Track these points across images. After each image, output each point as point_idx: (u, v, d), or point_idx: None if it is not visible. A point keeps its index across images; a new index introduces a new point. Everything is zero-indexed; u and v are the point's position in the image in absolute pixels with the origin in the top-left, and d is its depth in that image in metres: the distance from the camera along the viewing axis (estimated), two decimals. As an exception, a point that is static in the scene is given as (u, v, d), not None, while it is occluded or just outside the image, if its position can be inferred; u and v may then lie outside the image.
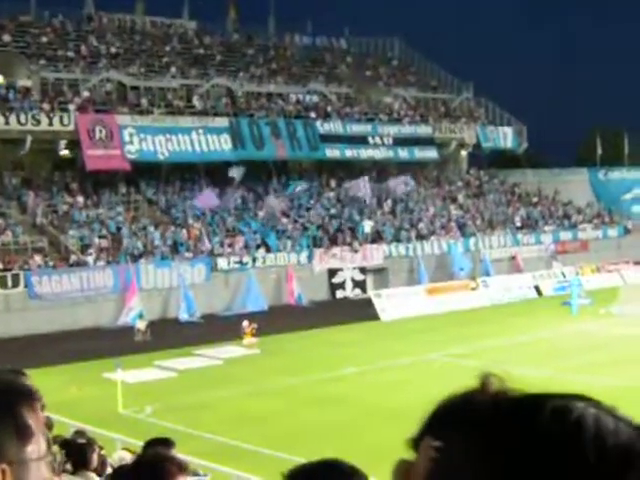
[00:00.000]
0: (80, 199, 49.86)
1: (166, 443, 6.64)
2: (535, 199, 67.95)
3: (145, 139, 51.36)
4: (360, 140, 60.46)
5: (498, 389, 1.35)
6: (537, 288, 51.07)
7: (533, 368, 27.88)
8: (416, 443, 1.44)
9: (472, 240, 57.35)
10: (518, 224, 62.08)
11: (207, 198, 51.13)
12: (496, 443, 1.17)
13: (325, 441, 21.40)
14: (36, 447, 1.74)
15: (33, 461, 1.72)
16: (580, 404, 1.21)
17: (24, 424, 1.73)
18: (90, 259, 44.63)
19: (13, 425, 1.71)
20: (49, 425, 8.68)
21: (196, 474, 13.11)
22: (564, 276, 52.20)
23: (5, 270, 42.00)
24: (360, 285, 51.65)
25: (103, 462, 9.15)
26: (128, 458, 8.75)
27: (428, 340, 36.68)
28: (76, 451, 8.06)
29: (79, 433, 12.77)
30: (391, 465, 1.42)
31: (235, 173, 54.44)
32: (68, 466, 7.72)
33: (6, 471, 1.67)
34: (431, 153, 64.56)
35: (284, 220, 53.77)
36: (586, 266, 54.44)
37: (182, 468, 4.70)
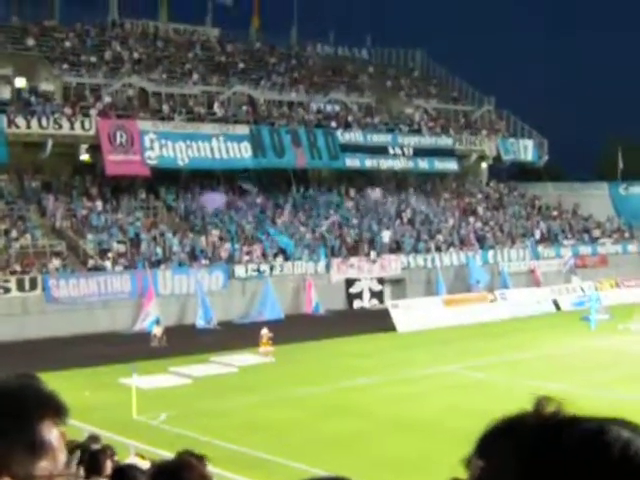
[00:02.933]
0: (99, 204, 50.00)
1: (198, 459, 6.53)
2: (555, 213, 67.74)
3: (165, 145, 51.46)
4: (380, 150, 60.40)
5: (551, 412, 1.32)
6: (555, 302, 50.78)
7: (549, 382, 27.74)
8: (469, 463, 1.47)
9: (491, 253, 57.18)
10: (537, 237, 61.86)
11: (213, 199, 52.55)
12: (532, 465, 1.18)
13: (338, 452, 21.34)
14: (51, 464, 1.68)
15: (43, 478, 1.67)
16: (614, 428, 1.18)
17: (40, 439, 1.67)
18: (108, 264, 44.74)
19: (27, 439, 1.66)
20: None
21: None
22: (583, 291, 51.93)
23: (23, 273, 42.14)
24: (377, 295, 51.55)
25: (116, 469, 9.11)
26: (141, 464, 8.71)
27: (444, 352, 36.53)
28: (90, 457, 8.02)
29: (93, 438, 12.75)
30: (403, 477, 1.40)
31: (244, 184, 55.50)
32: (81, 472, 7.69)
33: None
34: (451, 165, 64.46)
35: (302, 229, 53.77)
36: (605, 281, 54.17)
37: (204, 477, 4.58)
